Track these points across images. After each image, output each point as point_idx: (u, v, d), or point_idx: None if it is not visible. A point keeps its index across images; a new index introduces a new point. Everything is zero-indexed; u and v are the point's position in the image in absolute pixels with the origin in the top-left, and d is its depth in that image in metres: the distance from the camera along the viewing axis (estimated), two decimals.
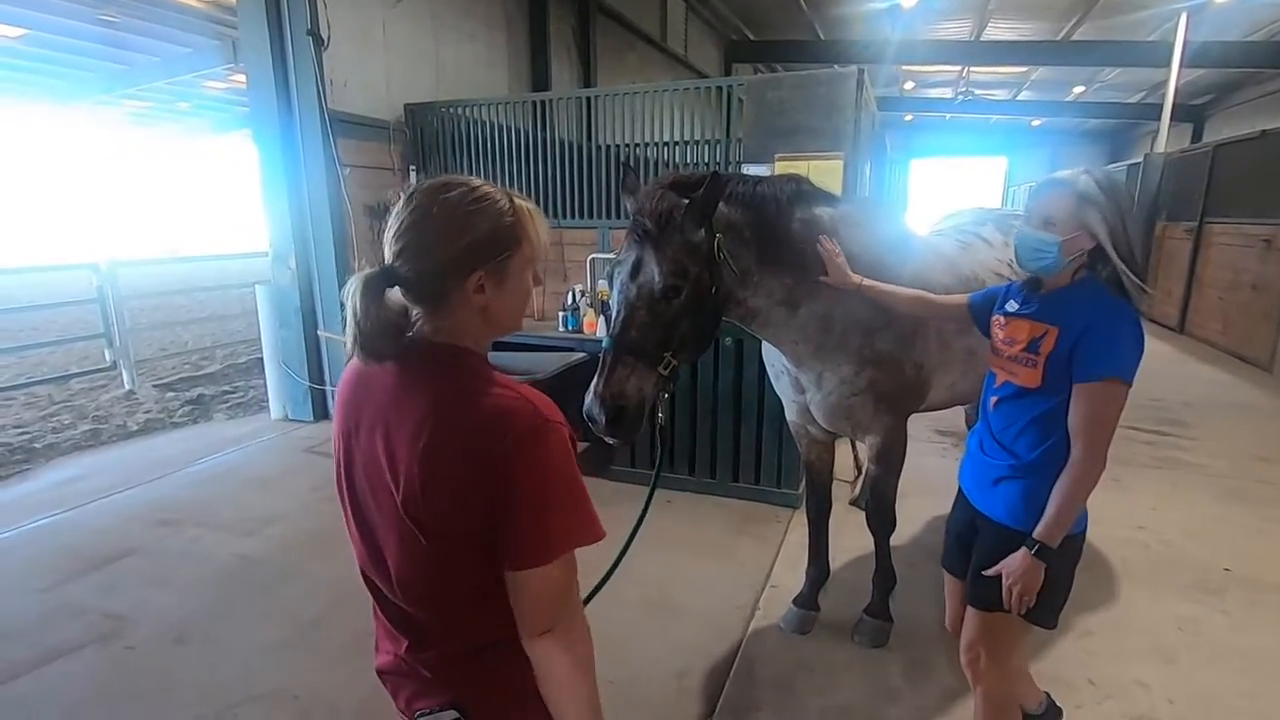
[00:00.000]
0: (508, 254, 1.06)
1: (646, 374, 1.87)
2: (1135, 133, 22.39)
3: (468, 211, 1.03)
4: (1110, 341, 1.51)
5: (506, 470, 0.97)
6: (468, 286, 1.04)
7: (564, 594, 1.03)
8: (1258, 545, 3.54)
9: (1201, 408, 5.97)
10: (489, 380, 1.04)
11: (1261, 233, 7.53)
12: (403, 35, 5.84)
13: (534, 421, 0.99)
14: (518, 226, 1.07)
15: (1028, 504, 1.62)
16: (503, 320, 1.11)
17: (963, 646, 1.85)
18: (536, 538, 0.99)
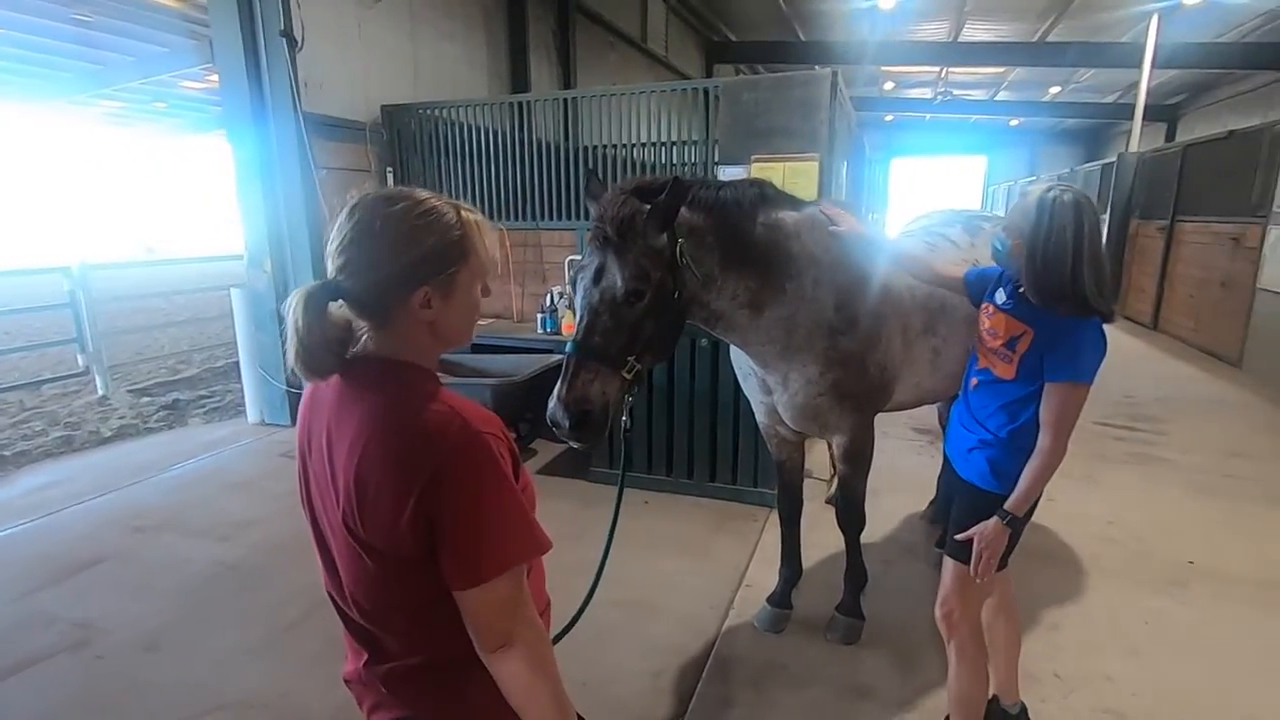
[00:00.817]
0: (455, 269, 1.05)
1: (610, 378, 1.88)
2: (1111, 132, 22.71)
3: (414, 226, 1.02)
4: (1075, 348, 1.71)
5: (436, 489, 0.95)
6: (414, 302, 1.03)
7: (513, 609, 1.01)
8: (1224, 539, 3.61)
9: (1173, 403, 6.09)
10: (424, 395, 1.02)
11: (1230, 231, 7.68)
12: (380, 35, 5.81)
13: (462, 437, 0.98)
14: (465, 240, 1.06)
15: (995, 471, 1.86)
16: (450, 334, 1.10)
17: (938, 601, 2.01)
18: (471, 558, 0.97)
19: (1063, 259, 1.64)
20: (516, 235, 5.47)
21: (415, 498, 0.95)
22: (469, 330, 1.14)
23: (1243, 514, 3.91)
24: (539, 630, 1.05)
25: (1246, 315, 7.10)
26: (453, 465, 0.96)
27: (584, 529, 3.51)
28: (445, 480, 0.95)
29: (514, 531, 1.00)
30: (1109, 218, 11.32)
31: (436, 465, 0.95)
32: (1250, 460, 4.74)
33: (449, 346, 1.13)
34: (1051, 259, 1.65)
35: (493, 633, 1.00)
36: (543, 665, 1.03)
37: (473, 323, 1.14)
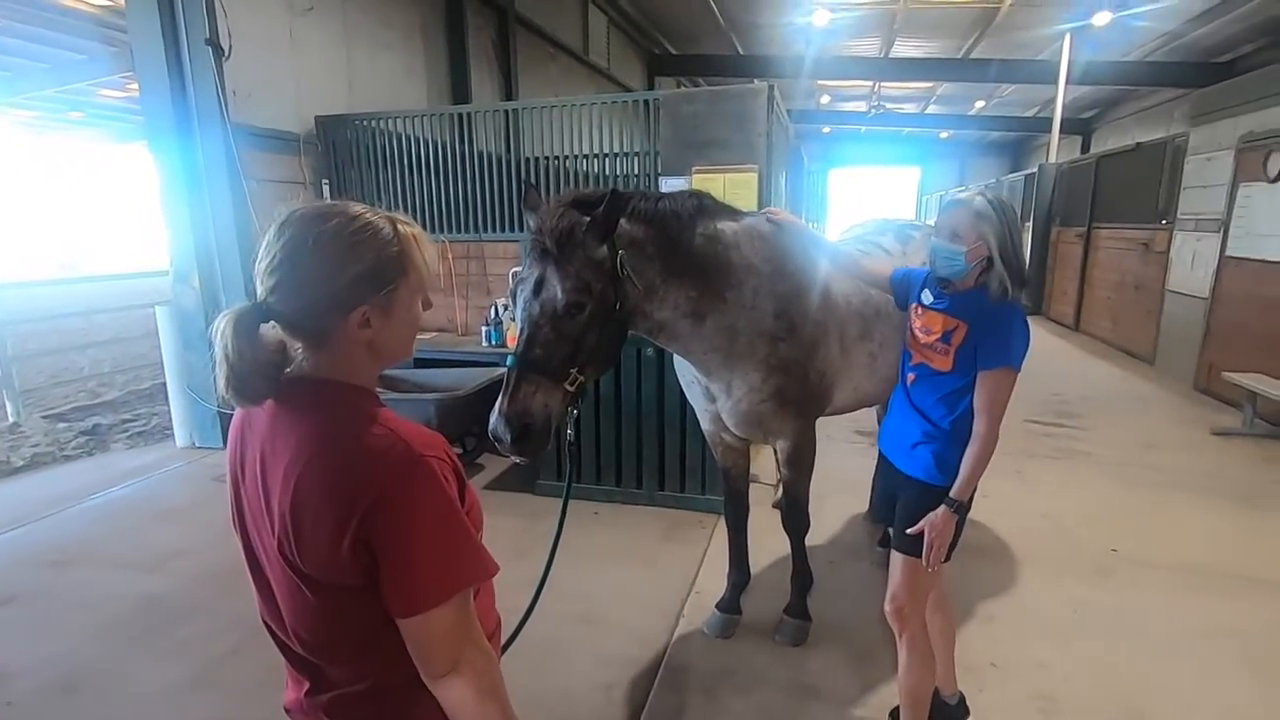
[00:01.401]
0: (394, 285, 1.02)
1: (553, 391, 1.87)
2: (1033, 144, 23.95)
3: (349, 243, 0.98)
4: (1005, 338, 1.84)
5: (377, 516, 0.92)
6: (351, 322, 1.00)
7: (459, 634, 0.98)
8: (1144, 527, 3.82)
9: (1095, 400, 6.43)
10: (364, 417, 0.99)
11: (1141, 236, 8.19)
12: (312, 44, 5.67)
13: (402, 463, 0.95)
14: (403, 255, 1.02)
15: (940, 464, 1.93)
16: (390, 352, 1.07)
17: (888, 597, 2.06)
18: (415, 586, 0.94)
19: (1021, 250, 1.87)
20: (459, 247, 5.40)
21: (355, 525, 0.92)
22: (409, 346, 1.11)
23: (1160, 503, 4.15)
24: (487, 654, 1.03)
25: (1158, 315, 7.56)
26: (394, 491, 0.93)
27: (532, 544, 3.47)
28: (386, 506, 0.92)
29: (458, 556, 0.97)
30: (1032, 225, 11.93)
31: (377, 491, 0.92)
32: (1165, 451, 5.04)
33: (389, 364, 1.10)
34: (1018, 250, 1.86)
35: (439, 660, 0.97)
36: (492, 690, 1.00)
37: (413, 338, 1.11)
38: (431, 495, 0.95)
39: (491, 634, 1.14)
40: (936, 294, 1.96)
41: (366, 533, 0.92)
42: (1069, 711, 2.40)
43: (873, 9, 11.39)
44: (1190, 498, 4.21)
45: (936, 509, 1.89)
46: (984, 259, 1.84)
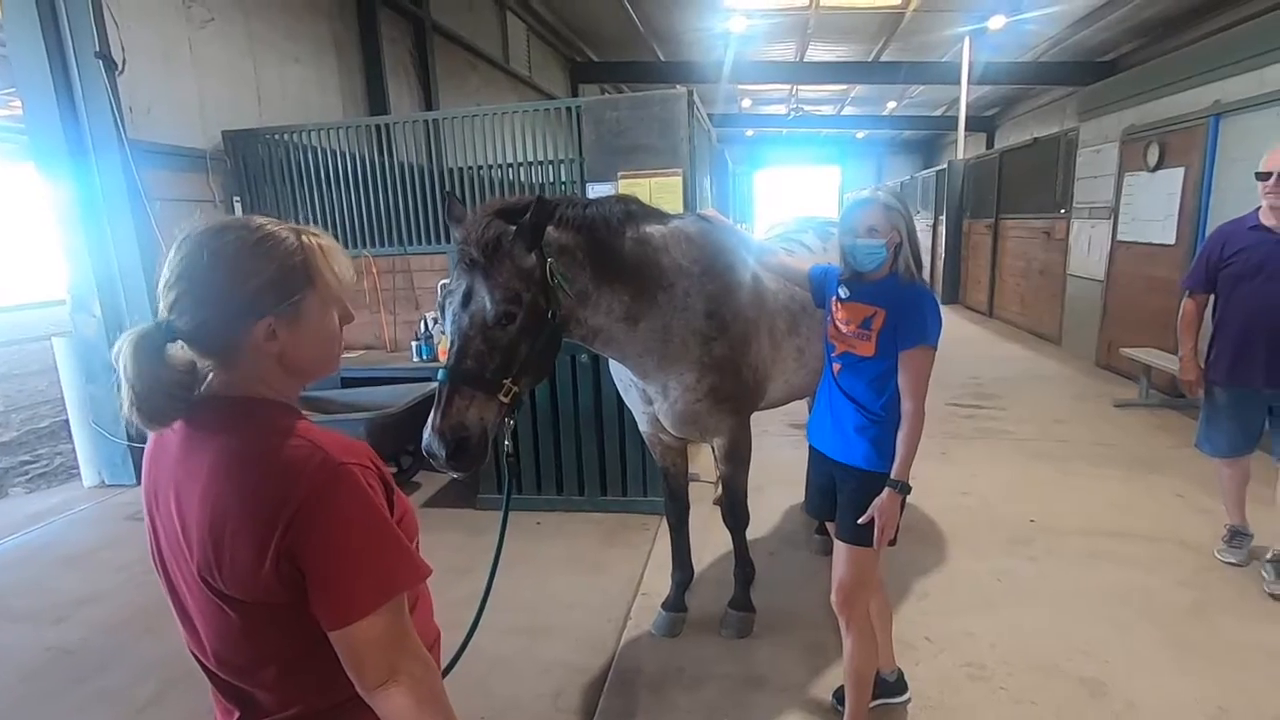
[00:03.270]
0: (299, 296, 1.00)
1: (487, 403, 1.85)
2: (942, 142, 25.17)
3: (247, 255, 0.97)
4: (920, 318, 1.94)
5: (300, 529, 0.90)
6: (256, 335, 0.97)
7: (394, 642, 0.96)
8: (1058, 497, 4.08)
9: (1009, 381, 6.81)
10: (279, 431, 0.97)
11: (1042, 225, 8.73)
12: (215, 57, 5.42)
13: (324, 470, 0.93)
14: (308, 266, 1.01)
15: (878, 450, 2.01)
16: (305, 366, 1.05)
17: (834, 587, 2.11)
18: (344, 595, 0.92)
19: (918, 238, 2.03)
20: (384, 261, 5.27)
21: (277, 540, 0.90)
22: (328, 360, 1.08)
23: (1070, 473, 4.43)
24: (426, 662, 1.01)
25: (1061, 298, 8.09)
26: (316, 501, 0.91)
27: (474, 559, 3.42)
28: (309, 518, 0.90)
29: (388, 561, 0.96)
30: (945, 219, 12.55)
31: (298, 503, 0.90)
32: (1073, 425, 5.40)
33: (308, 379, 1.08)
34: (916, 238, 2.02)
35: (375, 669, 0.95)
36: (431, 698, 0.98)
37: (331, 352, 1.08)
38: (356, 502, 0.94)
39: (431, 646, 1.12)
40: (850, 287, 2.05)
41: (290, 547, 0.90)
42: (997, 675, 2.54)
43: (786, 15, 11.75)
44: (1096, 467, 4.51)
45: (881, 493, 1.96)
46: (895, 247, 1.97)
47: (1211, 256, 3.06)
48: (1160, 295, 6.07)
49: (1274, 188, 2.79)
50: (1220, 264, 3.02)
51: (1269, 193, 2.82)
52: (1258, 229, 2.91)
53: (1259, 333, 2.90)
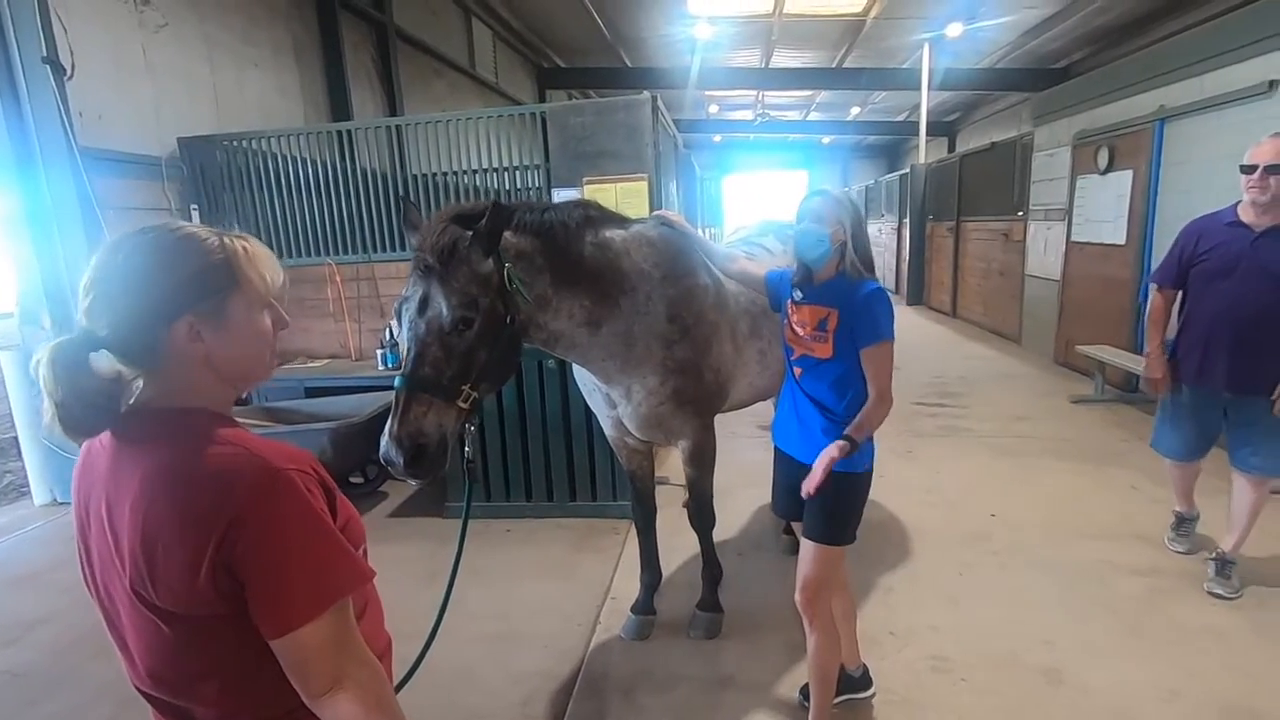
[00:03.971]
0: (221, 295, 0.98)
1: (445, 409, 1.84)
2: (905, 146, 25.64)
3: (163, 253, 0.95)
4: (875, 315, 1.96)
5: (236, 537, 0.88)
6: (176, 336, 0.95)
7: (338, 648, 0.95)
8: (1019, 492, 4.18)
9: (972, 380, 6.96)
10: (212, 438, 0.95)
11: (1001, 227, 8.95)
12: (170, 62, 5.31)
13: (261, 476, 0.91)
14: (230, 265, 0.99)
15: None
16: (237, 370, 1.03)
17: (798, 586, 2.12)
18: (285, 602, 0.90)
19: (867, 237, 2.08)
20: (349, 269, 5.19)
21: (212, 550, 0.88)
22: (261, 364, 1.06)
23: (1030, 469, 4.54)
24: (373, 668, 0.99)
25: (1020, 298, 8.29)
26: (252, 508, 0.89)
27: (442, 568, 3.33)
28: (245, 526, 0.89)
29: (329, 566, 0.94)
30: (909, 221, 12.80)
31: (234, 511, 0.89)
32: (1032, 421, 5.53)
33: (241, 384, 1.06)
34: (865, 237, 2.06)
35: (319, 677, 0.93)
36: (379, 704, 0.97)
37: (262, 355, 1.06)
38: (294, 508, 0.92)
39: (382, 654, 1.11)
40: (804, 290, 2.08)
41: (226, 557, 0.88)
42: (959, 667, 2.59)
43: (750, 21, 11.89)
44: (1054, 461, 4.64)
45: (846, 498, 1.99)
46: (842, 244, 2.00)
47: (1185, 252, 2.94)
48: (1113, 294, 6.27)
49: (1259, 182, 2.65)
50: (1193, 260, 2.91)
51: (1253, 187, 2.68)
52: (1235, 225, 2.79)
53: (1225, 333, 2.81)
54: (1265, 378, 2.76)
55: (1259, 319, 2.73)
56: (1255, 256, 2.72)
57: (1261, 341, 2.74)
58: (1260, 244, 2.71)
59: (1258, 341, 2.75)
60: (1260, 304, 2.71)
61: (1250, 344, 2.76)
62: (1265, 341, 2.74)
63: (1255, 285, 2.72)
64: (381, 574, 1.09)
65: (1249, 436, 2.88)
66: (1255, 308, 2.72)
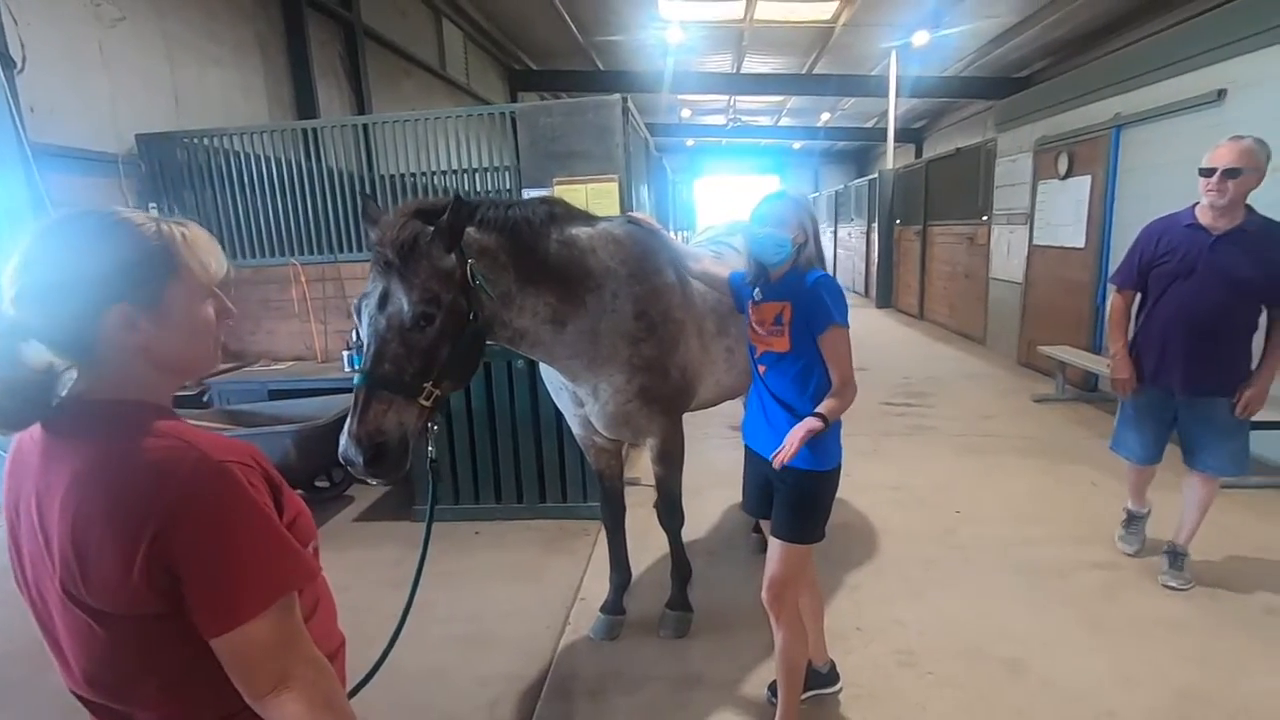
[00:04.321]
0: (159, 283, 0.95)
1: (406, 407, 1.81)
2: (874, 152, 26.03)
3: (97, 239, 0.92)
4: (823, 302, 1.98)
5: (172, 533, 0.85)
6: (108, 324, 0.92)
7: (283, 646, 0.92)
8: (983, 488, 4.26)
9: (939, 380, 7.08)
10: (147, 432, 0.91)
11: (966, 231, 9.14)
12: (127, 58, 5.17)
13: (199, 469, 0.89)
14: (170, 253, 0.96)
15: (814, 449, 1.99)
16: (175, 361, 0.99)
17: (765, 584, 2.13)
18: (226, 599, 0.88)
19: (820, 235, 2.13)
20: (314, 269, 5.11)
21: (147, 545, 0.85)
22: (203, 355, 1.03)
23: (994, 466, 4.63)
24: (320, 666, 0.97)
25: (985, 300, 8.46)
26: (190, 503, 0.87)
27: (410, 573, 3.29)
28: (183, 521, 0.86)
29: (273, 560, 0.92)
30: (878, 225, 12.99)
31: (170, 506, 0.86)
32: (997, 420, 5.65)
33: (180, 376, 1.03)
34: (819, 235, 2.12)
35: (263, 676, 0.90)
36: (326, 703, 0.94)
37: (205, 345, 1.02)
38: (235, 501, 0.90)
39: (334, 655, 1.09)
40: (761, 288, 2.11)
41: (162, 553, 0.85)
42: (924, 660, 2.63)
43: (721, 27, 11.99)
44: (1018, 458, 4.74)
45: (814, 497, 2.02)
46: (801, 245, 2.03)
47: (1144, 253, 2.96)
48: (1073, 296, 6.43)
49: (1218, 185, 2.66)
50: (1153, 262, 2.92)
51: (1211, 189, 2.69)
52: (1194, 227, 2.80)
53: (1182, 335, 2.82)
54: (1221, 379, 2.81)
55: (1216, 321, 2.76)
56: (1213, 259, 2.74)
57: (1218, 343, 2.78)
58: (1218, 246, 2.74)
59: (1214, 343, 2.78)
60: (1218, 306, 2.75)
61: (1206, 346, 2.79)
62: (1222, 343, 2.78)
63: (1213, 287, 2.75)
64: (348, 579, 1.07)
65: (1203, 437, 2.92)
66: (1213, 310, 2.76)
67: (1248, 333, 2.81)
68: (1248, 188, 2.68)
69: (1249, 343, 2.82)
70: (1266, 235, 2.71)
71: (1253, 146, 2.65)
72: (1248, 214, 2.74)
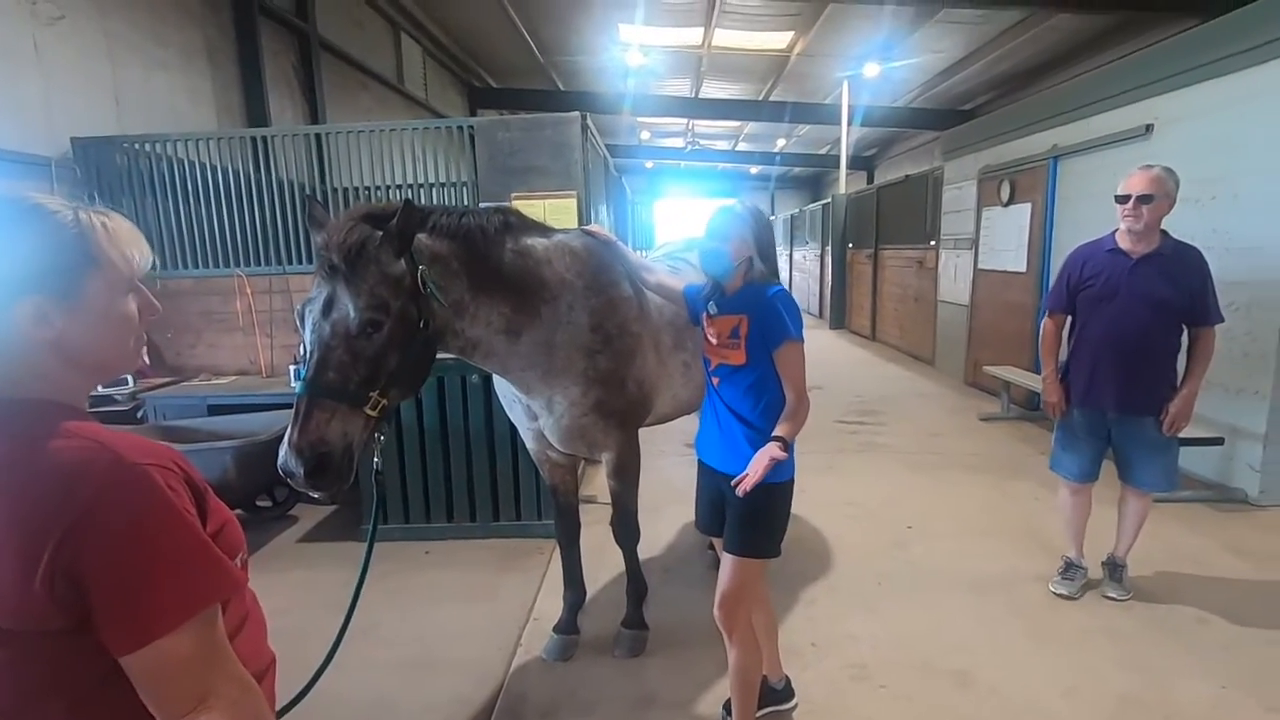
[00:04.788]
0: (75, 275, 0.90)
1: (351, 416, 1.75)
2: (828, 178, 26.79)
3: (5, 227, 0.86)
4: (780, 317, 1.99)
5: (78, 541, 0.79)
6: (20, 318, 0.86)
7: (204, 662, 0.86)
8: (932, 504, 4.34)
9: (890, 399, 7.24)
10: (55, 433, 0.86)
11: (915, 255, 9.42)
12: (66, 59, 4.97)
13: (112, 473, 0.83)
14: (88, 244, 0.91)
15: None
16: (93, 359, 0.94)
17: (717, 601, 2.11)
18: (139, 613, 0.82)
19: (774, 248, 2.15)
20: (261, 281, 4.94)
21: (50, 554, 0.78)
22: (123, 353, 0.97)
23: (943, 482, 4.73)
24: (246, 685, 0.91)
25: (934, 322, 8.72)
26: (101, 509, 0.81)
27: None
28: (91, 526, 0.80)
29: (192, 569, 0.86)
30: (832, 248, 13.30)
31: (78, 511, 0.80)
32: (945, 438, 5.79)
33: (96, 375, 0.97)
34: (772, 248, 2.13)
35: (180, 696, 0.84)
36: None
37: (124, 343, 0.97)
38: (152, 506, 0.84)
39: (263, 674, 1.02)
40: (716, 301, 2.12)
41: (68, 562, 0.79)
42: (877, 674, 2.64)
43: (680, 52, 12.22)
44: (966, 474, 4.85)
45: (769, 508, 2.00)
46: (746, 258, 2.04)
47: (1071, 278, 3.06)
48: (1016, 318, 6.67)
49: (1132, 210, 2.79)
50: (1079, 285, 3.02)
51: (1127, 215, 2.82)
52: (1115, 252, 2.93)
53: (1111, 355, 2.91)
54: (1149, 398, 2.92)
55: (1140, 341, 2.88)
56: (1134, 282, 2.86)
57: (1144, 363, 2.90)
58: (1138, 269, 2.87)
59: (1141, 363, 2.90)
60: (1141, 326, 2.87)
61: (1134, 365, 2.90)
62: (1148, 363, 2.90)
63: (1136, 309, 2.87)
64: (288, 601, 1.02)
65: (1135, 454, 3.02)
66: (1137, 330, 2.88)
67: (1172, 352, 2.93)
68: (1160, 213, 2.82)
69: (1174, 362, 2.94)
70: (1180, 258, 2.86)
71: (1162, 175, 2.80)
72: (1163, 238, 2.89)
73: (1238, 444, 4.26)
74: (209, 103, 6.67)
